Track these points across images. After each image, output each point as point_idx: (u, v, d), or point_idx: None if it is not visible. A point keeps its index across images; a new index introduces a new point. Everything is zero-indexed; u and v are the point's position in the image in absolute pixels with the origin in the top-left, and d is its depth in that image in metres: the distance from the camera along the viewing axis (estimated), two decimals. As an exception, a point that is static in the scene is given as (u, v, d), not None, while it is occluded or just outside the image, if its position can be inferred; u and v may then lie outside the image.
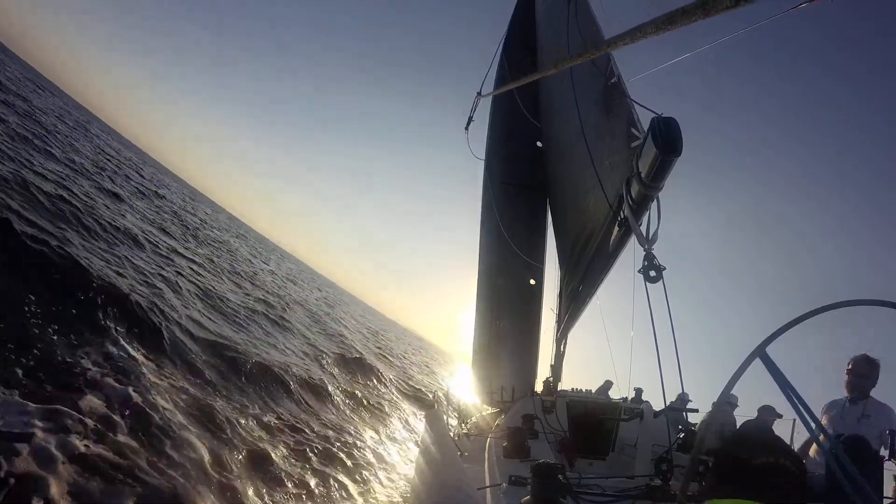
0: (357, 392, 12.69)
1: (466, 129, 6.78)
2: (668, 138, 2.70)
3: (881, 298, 1.59)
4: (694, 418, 5.18)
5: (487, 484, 3.18)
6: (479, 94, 6.46)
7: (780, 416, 5.50)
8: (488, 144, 7.09)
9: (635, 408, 4.84)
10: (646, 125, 3.08)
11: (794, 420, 5.00)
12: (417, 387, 19.89)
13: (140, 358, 6.36)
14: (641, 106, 3.46)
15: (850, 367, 3.56)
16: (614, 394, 6.55)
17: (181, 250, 14.50)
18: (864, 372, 3.52)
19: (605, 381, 6.84)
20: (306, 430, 8.15)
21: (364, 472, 8.56)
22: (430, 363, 41.72)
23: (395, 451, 11.17)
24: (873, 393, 3.54)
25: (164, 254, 12.45)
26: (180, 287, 10.56)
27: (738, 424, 5.04)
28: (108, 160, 22.80)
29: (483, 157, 7.04)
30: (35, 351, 4.98)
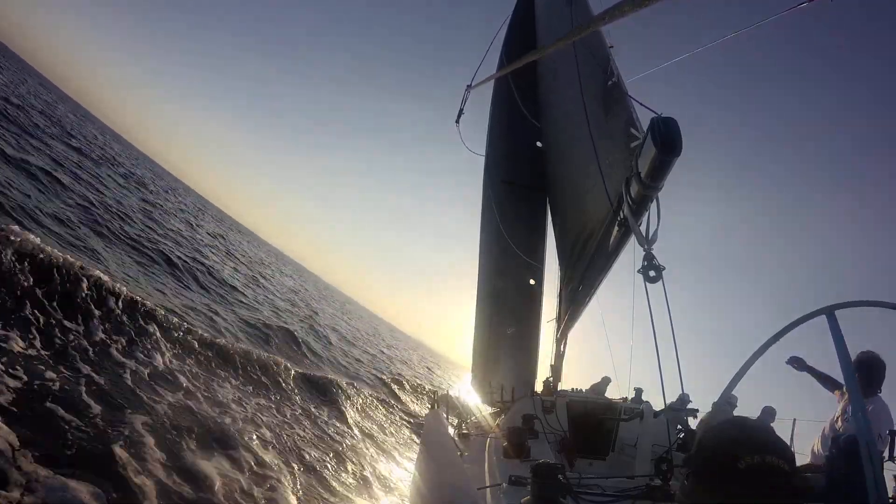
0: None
1: (457, 122, 6.77)
2: (667, 138, 2.71)
3: (881, 299, 1.60)
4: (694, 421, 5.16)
5: (487, 484, 3.17)
6: (469, 86, 6.43)
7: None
8: (488, 144, 7.09)
9: (635, 408, 4.84)
10: (645, 125, 3.08)
11: (795, 420, 5.00)
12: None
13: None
14: (641, 105, 3.47)
15: None
16: (613, 392, 6.54)
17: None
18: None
19: (603, 378, 6.83)
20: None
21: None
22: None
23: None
24: (885, 394, 3.51)
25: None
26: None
27: None
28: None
29: (478, 151, 7.04)
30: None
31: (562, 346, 5.76)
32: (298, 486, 6.76)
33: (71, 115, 38.84)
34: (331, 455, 8.75)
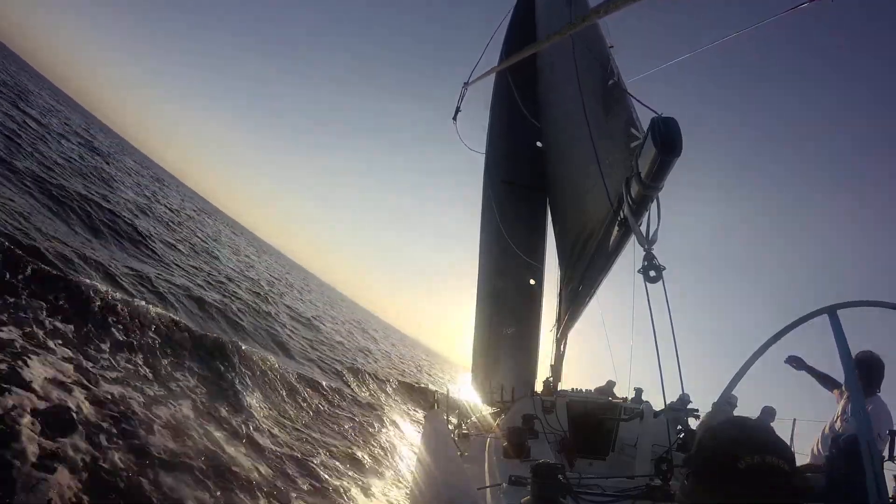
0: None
1: (454, 119, 6.79)
2: (667, 138, 2.71)
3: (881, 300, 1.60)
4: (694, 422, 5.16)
5: (487, 484, 3.17)
6: (465, 83, 6.44)
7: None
8: (488, 144, 7.09)
9: (635, 408, 4.84)
10: (645, 125, 3.09)
11: (795, 420, 5.01)
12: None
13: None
14: (642, 104, 3.47)
15: None
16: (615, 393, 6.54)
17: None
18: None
19: (608, 381, 6.83)
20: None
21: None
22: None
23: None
24: (885, 394, 3.51)
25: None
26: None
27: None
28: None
29: (476, 148, 7.05)
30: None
31: (562, 347, 5.77)
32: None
33: (53, 102, 35.38)
34: (210, 478, 5.32)
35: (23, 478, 3.71)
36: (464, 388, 7.64)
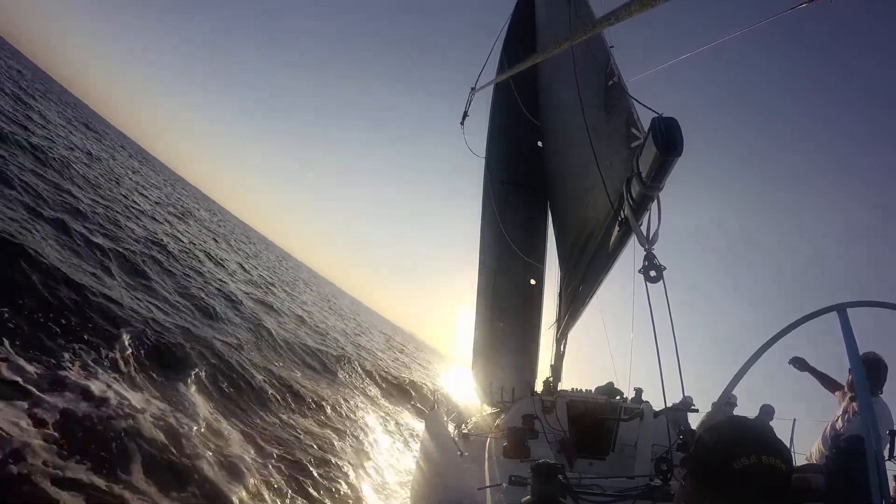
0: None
1: (462, 124, 6.79)
2: (668, 138, 2.70)
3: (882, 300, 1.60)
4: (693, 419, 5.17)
5: (487, 484, 3.18)
6: (473, 88, 6.45)
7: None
8: (489, 144, 7.08)
9: (635, 408, 4.84)
10: (646, 125, 3.08)
11: (794, 420, 5.01)
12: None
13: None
14: (642, 105, 3.46)
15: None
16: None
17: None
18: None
19: (608, 383, 6.84)
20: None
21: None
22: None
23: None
24: (884, 394, 3.51)
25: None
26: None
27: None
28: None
29: (482, 155, 7.03)
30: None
31: (562, 346, 5.77)
32: None
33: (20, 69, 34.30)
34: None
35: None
36: (461, 384, 7.59)
